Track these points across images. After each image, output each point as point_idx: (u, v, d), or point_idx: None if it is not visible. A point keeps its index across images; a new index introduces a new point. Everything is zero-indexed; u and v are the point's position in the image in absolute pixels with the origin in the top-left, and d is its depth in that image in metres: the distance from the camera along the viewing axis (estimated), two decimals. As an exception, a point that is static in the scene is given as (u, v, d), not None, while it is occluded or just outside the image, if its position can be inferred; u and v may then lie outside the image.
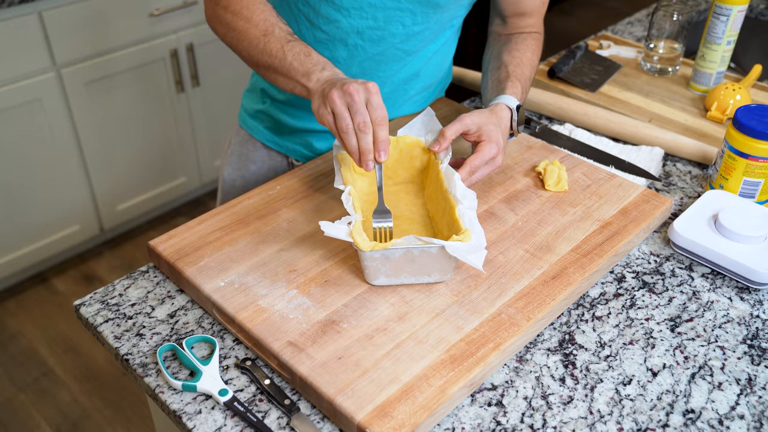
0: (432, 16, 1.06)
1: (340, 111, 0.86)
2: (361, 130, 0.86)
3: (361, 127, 0.86)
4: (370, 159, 0.87)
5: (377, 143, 0.87)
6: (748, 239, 0.95)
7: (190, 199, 2.72)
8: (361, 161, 0.88)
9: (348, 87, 0.86)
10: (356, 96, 0.85)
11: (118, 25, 2.15)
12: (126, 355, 0.83)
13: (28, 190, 2.17)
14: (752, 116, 1.02)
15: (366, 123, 0.86)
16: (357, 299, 0.85)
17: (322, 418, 0.76)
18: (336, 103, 0.86)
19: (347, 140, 0.87)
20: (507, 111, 1.04)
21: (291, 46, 0.95)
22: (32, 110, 2.08)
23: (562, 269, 0.90)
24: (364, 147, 0.87)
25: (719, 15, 1.29)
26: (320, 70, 0.93)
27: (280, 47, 0.96)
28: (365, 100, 0.86)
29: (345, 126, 0.86)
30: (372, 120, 0.86)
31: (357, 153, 0.88)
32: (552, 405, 0.78)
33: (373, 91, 0.87)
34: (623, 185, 1.05)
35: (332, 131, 0.89)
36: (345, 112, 0.86)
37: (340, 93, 0.86)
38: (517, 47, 1.15)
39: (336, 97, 0.86)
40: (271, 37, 0.97)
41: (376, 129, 0.87)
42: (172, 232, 0.95)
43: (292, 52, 0.95)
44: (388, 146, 0.88)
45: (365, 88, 0.86)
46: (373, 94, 0.86)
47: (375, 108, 0.86)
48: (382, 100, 0.88)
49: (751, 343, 0.86)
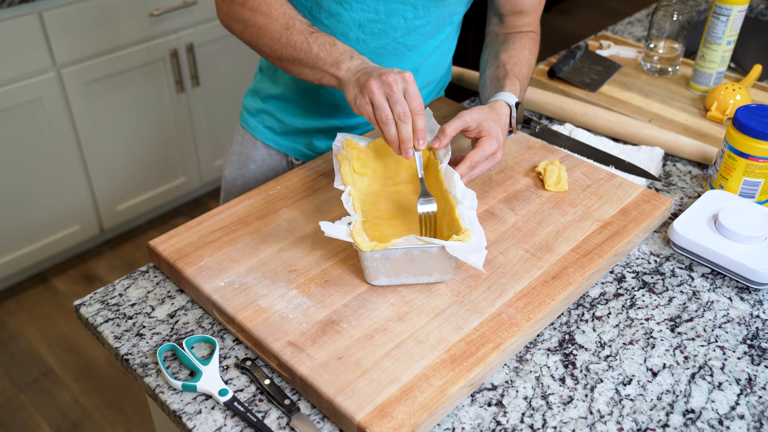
0: (433, 10, 1.07)
1: (380, 102, 0.88)
2: (401, 120, 0.88)
3: (401, 117, 0.88)
4: (410, 147, 0.90)
5: (416, 132, 0.89)
6: (748, 239, 0.95)
7: (190, 199, 2.72)
8: (402, 149, 0.90)
9: (387, 77, 0.87)
10: (395, 86, 0.87)
11: (118, 25, 2.15)
12: (126, 355, 0.83)
13: (28, 190, 2.17)
14: (752, 116, 1.02)
15: (406, 113, 0.88)
16: (357, 299, 0.85)
17: (322, 418, 0.76)
18: (375, 94, 0.88)
19: (387, 130, 0.89)
20: (506, 108, 1.04)
21: (315, 37, 0.96)
22: (32, 110, 2.08)
23: (562, 269, 0.90)
24: (405, 136, 0.89)
25: (719, 15, 1.29)
26: (349, 59, 0.94)
27: (304, 39, 0.97)
28: (403, 90, 0.88)
29: (385, 117, 0.88)
30: (411, 109, 0.88)
31: (396, 142, 0.90)
32: (552, 405, 0.78)
33: (410, 80, 0.89)
34: (623, 185, 1.05)
35: (370, 121, 0.91)
36: (384, 102, 0.88)
37: (379, 83, 0.88)
38: (514, 46, 1.15)
39: (375, 88, 0.88)
40: (293, 30, 0.98)
41: (415, 118, 0.89)
42: (172, 232, 0.95)
43: (316, 43, 0.96)
44: (426, 134, 0.90)
45: (402, 78, 0.88)
46: (410, 84, 0.89)
47: (413, 97, 0.88)
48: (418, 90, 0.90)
49: (751, 343, 0.86)
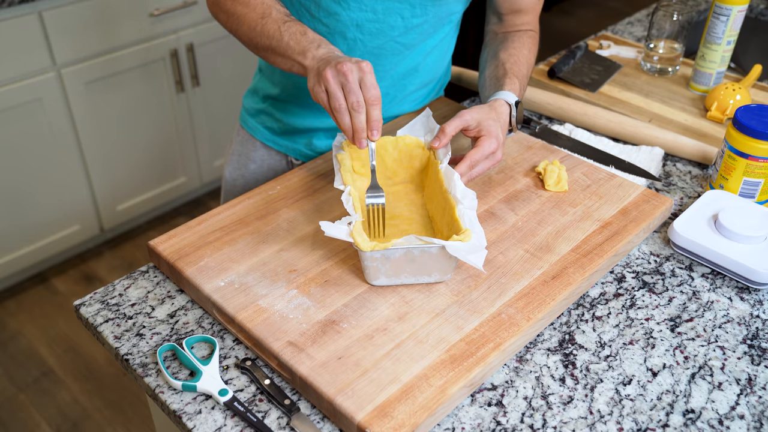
0: (430, 9, 1.07)
1: (334, 90, 0.87)
2: (354, 110, 0.87)
3: (354, 107, 0.87)
4: (363, 137, 0.89)
5: (370, 122, 0.88)
6: (748, 239, 0.95)
7: (190, 199, 2.72)
8: (354, 139, 0.89)
9: (342, 66, 0.87)
10: (350, 75, 0.86)
11: (118, 25, 2.15)
12: (126, 355, 0.83)
13: (28, 190, 2.17)
14: (752, 116, 1.02)
15: (359, 102, 0.87)
16: (357, 299, 0.85)
17: (322, 418, 0.76)
18: (330, 83, 0.87)
19: (340, 119, 0.88)
20: (506, 106, 1.05)
21: (287, 26, 0.97)
22: (32, 110, 2.07)
23: (562, 269, 0.90)
24: (358, 126, 0.88)
25: (719, 15, 1.29)
26: (315, 48, 0.94)
27: (276, 28, 0.97)
28: (359, 80, 0.87)
29: (338, 105, 0.88)
30: (365, 99, 0.87)
31: (350, 131, 0.89)
32: (552, 405, 0.78)
33: (367, 70, 0.87)
34: (623, 185, 1.05)
35: (326, 109, 0.90)
36: (339, 91, 0.87)
37: (334, 72, 0.87)
38: (513, 45, 1.15)
39: (330, 77, 0.87)
40: (269, 19, 0.99)
41: (369, 108, 0.88)
42: (172, 232, 0.95)
43: (288, 32, 0.96)
44: (380, 125, 0.89)
45: (359, 68, 0.87)
46: (367, 74, 0.87)
47: (368, 88, 0.87)
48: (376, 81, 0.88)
49: (751, 343, 0.86)
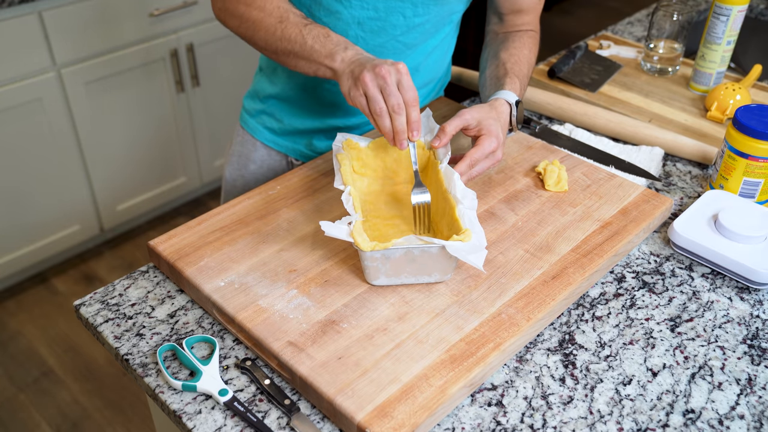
0: (432, 8, 1.07)
1: (374, 94, 0.88)
2: (395, 112, 0.89)
3: (395, 109, 0.89)
4: (404, 139, 0.91)
5: (410, 123, 0.90)
6: (748, 239, 0.95)
7: (190, 199, 2.72)
8: (396, 141, 0.91)
9: (380, 70, 0.88)
10: (389, 78, 0.88)
11: (118, 25, 2.15)
12: (126, 355, 0.83)
13: (28, 190, 2.17)
14: (752, 116, 1.02)
15: (400, 105, 0.89)
16: (357, 299, 0.85)
17: (322, 418, 0.76)
18: (369, 86, 0.88)
19: (381, 122, 0.90)
20: (506, 106, 1.05)
21: (309, 29, 0.97)
22: (32, 110, 2.07)
23: (562, 269, 0.90)
24: (399, 128, 0.90)
25: (719, 15, 1.29)
26: (343, 50, 0.94)
27: (298, 32, 0.97)
28: (397, 82, 0.88)
29: (379, 109, 0.89)
30: (404, 101, 0.89)
31: (391, 134, 0.90)
32: (552, 405, 0.78)
33: (404, 72, 0.89)
34: (623, 185, 1.05)
35: (364, 113, 0.91)
36: (378, 95, 0.88)
37: (372, 75, 0.88)
38: (514, 45, 1.15)
39: (368, 80, 0.88)
40: (287, 23, 0.99)
41: (409, 110, 0.90)
42: (172, 232, 0.95)
43: (311, 35, 0.97)
44: (420, 125, 0.91)
45: (396, 70, 0.89)
46: (404, 75, 0.89)
47: (407, 89, 0.89)
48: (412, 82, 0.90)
49: (751, 343, 0.86)
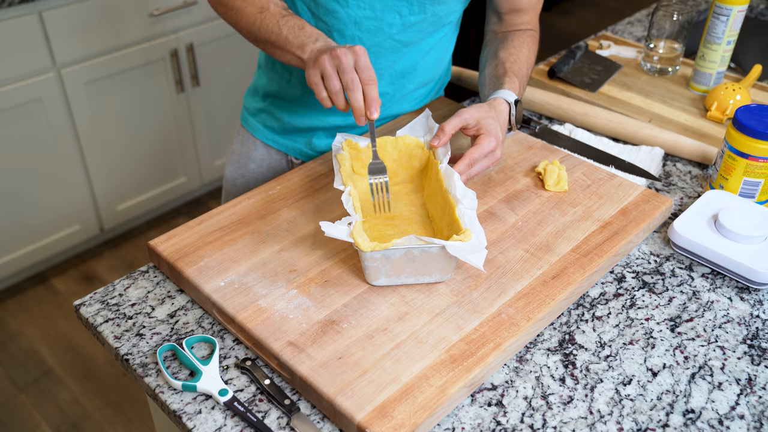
0: (428, 7, 1.07)
1: (330, 73, 0.91)
2: (350, 89, 0.91)
3: (350, 86, 0.90)
4: (361, 115, 0.92)
5: (368, 101, 0.91)
6: (748, 239, 0.95)
7: (190, 199, 2.72)
8: (355, 117, 0.92)
9: (336, 51, 0.91)
10: (344, 58, 0.90)
11: (118, 25, 2.15)
12: (126, 355, 0.83)
13: (28, 190, 2.17)
14: (752, 116, 1.02)
15: (354, 80, 0.90)
16: (357, 299, 0.85)
17: (322, 418, 0.76)
18: (326, 66, 0.90)
19: (337, 101, 0.92)
20: (505, 105, 1.05)
21: (286, 20, 1.00)
22: (32, 110, 2.07)
23: (562, 269, 0.90)
24: (355, 104, 0.92)
25: (719, 15, 1.29)
26: (313, 42, 0.97)
27: (275, 22, 1.00)
28: (353, 62, 0.90)
29: (333, 86, 0.91)
30: (361, 80, 0.91)
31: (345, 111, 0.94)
32: (552, 405, 0.78)
33: (360, 53, 0.91)
34: (623, 185, 1.05)
35: (317, 95, 0.93)
36: (334, 73, 0.91)
37: (329, 57, 0.91)
38: (513, 44, 1.15)
39: (325, 61, 0.91)
40: (267, 13, 1.02)
41: (366, 88, 0.91)
42: (172, 232, 0.95)
43: (287, 26, 0.99)
44: (377, 104, 0.92)
45: (352, 51, 0.91)
46: (360, 56, 0.91)
47: (363, 69, 0.91)
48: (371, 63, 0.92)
49: (751, 343, 0.86)
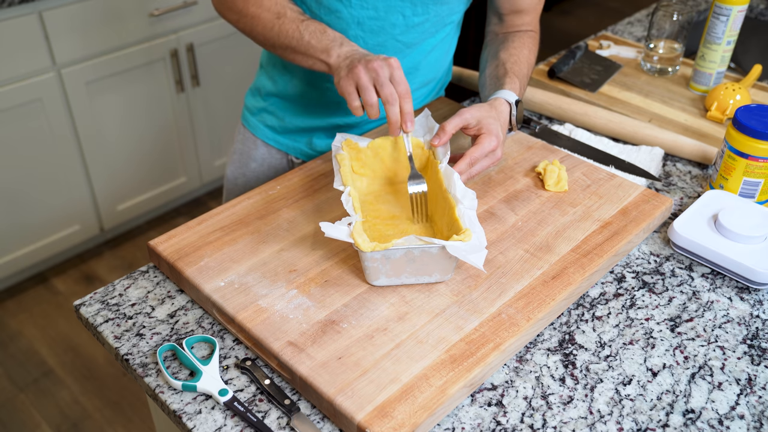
0: (431, 7, 1.07)
1: (366, 84, 0.91)
2: (389, 102, 0.92)
3: (389, 99, 0.92)
4: (397, 128, 0.94)
5: (404, 114, 0.94)
6: (748, 239, 0.95)
7: (190, 199, 2.72)
8: (390, 130, 0.94)
9: (373, 63, 0.91)
10: (381, 71, 0.91)
11: (118, 25, 2.15)
12: (126, 355, 0.83)
13: (28, 190, 2.17)
14: (752, 116, 1.02)
15: (393, 95, 0.92)
16: (357, 299, 0.85)
17: (322, 418, 0.76)
18: (362, 78, 0.91)
19: (371, 112, 0.93)
20: (506, 105, 1.05)
21: (306, 25, 1.00)
22: (32, 110, 2.07)
23: (562, 269, 0.90)
24: (392, 118, 0.93)
25: (719, 15, 1.29)
26: (339, 46, 0.97)
27: (295, 27, 1.00)
28: (389, 75, 0.91)
29: (370, 98, 0.92)
30: (398, 93, 0.92)
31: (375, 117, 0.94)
32: (552, 405, 0.78)
33: (395, 66, 0.92)
34: (623, 185, 1.05)
35: (350, 104, 0.93)
36: (370, 86, 0.92)
37: (365, 68, 0.91)
38: (514, 45, 1.15)
39: (361, 72, 0.91)
40: (285, 18, 1.01)
41: (402, 101, 0.93)
42: (172, 232, 0.95)
43: (308, 30, 0.99)
44: (413, 117, 0.95)
45: (388, 64, 0.92)
46: (396, 69, 0.92)
47: (398, 82, 0.92)
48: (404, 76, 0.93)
49: (751, 343, 0.86)
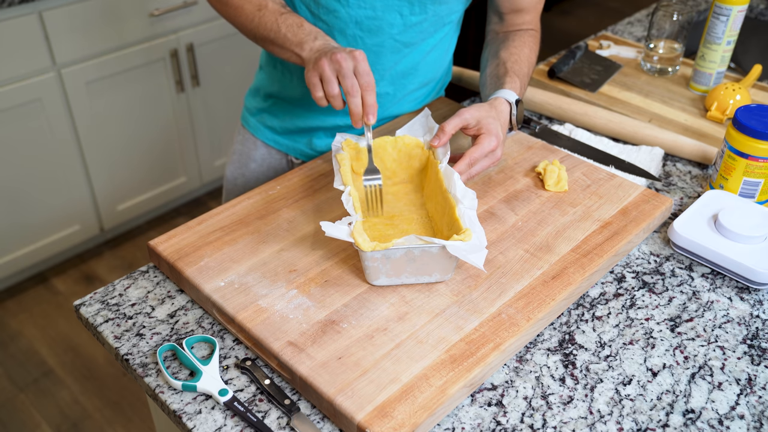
0: (429, 7, 1.08)
1: (329, 77, 0.92)
2: (350, 94, 0.92)
3: (350, 91, 0.92)
4: (358, 120, 0.94)
5: (366, 107, 0.94)
6: (748, 239, 0.95)
7: (190, 199, 2.72)
8: (353, 121, 0.95)
9: (336, 55, 0.92)
10: (344, 63, 0.91)
11: (118, 25, 2.15)
12: (126, 355, 0.83)
13: (28, 190, 2.17)
14: (752, 116, 1.02)
15: (354, 87, 0.92)
16: (357, 299, 0.85)
17: (322, 418, 0.76)
18: (325, 69, 0.92)
19: (334, 103, 0.94)
20: (506, 105, 1.05)
21: (284, 18, 1.01)
22: (32, 110, 2.07)
23: (562, 269, 0.90)
24: (354, 109, 0.94)
25: (719, 15, 1.29)
26: (312, 40, 0.98)
27: (274, 20, 1.01)
28: (353, 68, 0.92)
29: (331, 90, 0.93)
30: (360, 85, 0.92)
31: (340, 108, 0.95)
32: (552, 405, 0.78)
33: (360, 58, 0.92)
34: (623, 185, 1.05)
35: (313, 95, 0.94)
36: (333, 77, 0.92)
37: (329, 61, 0.92)
38: (514, 44, 1.15)
39: (325, 64, 0.92)
40: (265, 11, 1.02)
41: (364, 94, 0.93)
42: (172, 232, 0.95)
43: (285, 24, 1.00)
44: (375, 109, 0.94)
45: (352, 56, 0.92)
46: (360, 62, 0.92)
47: (362, 74, 0.92)
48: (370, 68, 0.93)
49: (751, 343, 0.86)
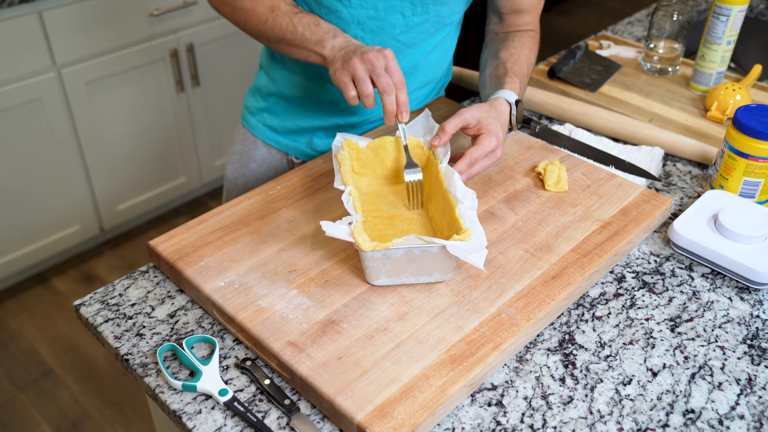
0: (431, 7, 1.08)
1: (362, 76, 0.93)
2: (386, 92, 0.94)
3: (386, 89, 0.94)
4: (391, 117, 0.96)
5: (399, 104, 0.96)
6: (748, 239, 0.95)
7: (190, 199, 2.72)
8: (386, 120, 0.96)
9: (368, 55, 0.93)
10: (377, 62, 0.93)
11: (118, 25, 2.15)
12: (126, 355, 0.83)
13: (28, 190, 2.17)
14: (752, 116, 1.02)
15: (389, 85, 0.94)
16: (357, 299, 0.85)
17: (322, 418, 0.76)
18: (357, 69, 0.93)
19: (367, 102, 0.95)
20: (506, 105, 1.05)
21: (299, 17, 1.01)
22: (32, 110, 2.07)
23: (562, 269, 0.90)
24: (389, 107, 0.95)
25: (719, 15, 1.29)
26: (332, 37, 0.98)
27: (289, 20, 1.01)
28: (384, 66, 0.93)
29: (365, 89, 0.94)
30: (393, 83, 0.93)
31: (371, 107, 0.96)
32: (552, 405, 0.78)
33: (390, 57, 0.94)
34: (623, 185, 1.05)
35: (346, 95, 0.95)
36: (366, 77, 0.93)
37: (360, 60, 0.93)
38: (514, 44, 1.15)
39: (357, 64, 0.93)
40: (278, 11, 1.02)
41: (397, 92, 0.95)
42: (172, 232, 0.95)
43: (301, 23, 1.00)
44: (408, 107, 0.97)
45: (383, 55, 0.94)
46: (390, 60, 0.94)
47: (394, 73, 0.94)
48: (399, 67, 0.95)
49: (751, 343, 0.86)
